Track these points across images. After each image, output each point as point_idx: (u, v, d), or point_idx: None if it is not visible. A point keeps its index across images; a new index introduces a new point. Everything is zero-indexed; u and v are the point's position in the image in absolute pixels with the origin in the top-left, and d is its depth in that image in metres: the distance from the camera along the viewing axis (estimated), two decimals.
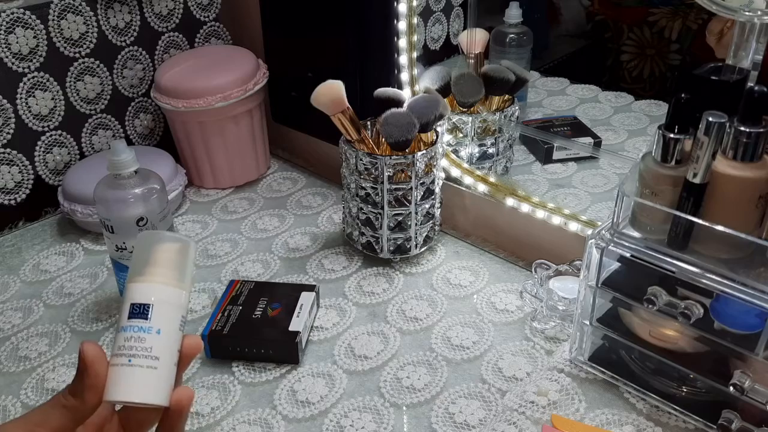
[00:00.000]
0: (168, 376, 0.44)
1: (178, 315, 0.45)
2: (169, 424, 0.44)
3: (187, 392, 0.44)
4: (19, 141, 0.94)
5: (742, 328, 0.57)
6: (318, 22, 0.98)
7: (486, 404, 0.67)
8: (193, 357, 0.46)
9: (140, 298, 0.43)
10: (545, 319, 0.75)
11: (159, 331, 0.43)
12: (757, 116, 0.54)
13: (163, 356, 0.43)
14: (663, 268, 0.59)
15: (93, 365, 0.41)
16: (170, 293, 0.44)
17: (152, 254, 0.45)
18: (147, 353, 0.43)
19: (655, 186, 0.59)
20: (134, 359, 0.42)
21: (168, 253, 0.45)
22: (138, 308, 0.43)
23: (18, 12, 0.90)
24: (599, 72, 0.89)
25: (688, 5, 0.76)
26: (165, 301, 0.44)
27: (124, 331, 0.43)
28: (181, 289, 0.45)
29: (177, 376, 0.44)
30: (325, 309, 0.80)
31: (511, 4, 0.87)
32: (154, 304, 0.43)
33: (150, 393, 0.43)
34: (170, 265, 0.45)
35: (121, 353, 0.43)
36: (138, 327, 0.43)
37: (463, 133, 0.91)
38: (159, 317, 0.43)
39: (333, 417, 0.66)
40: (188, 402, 0.44)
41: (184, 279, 0.45)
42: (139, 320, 0.43)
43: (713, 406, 0.61)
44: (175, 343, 0.44)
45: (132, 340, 0.43)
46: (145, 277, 0.44)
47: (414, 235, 0.85)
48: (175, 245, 0.45)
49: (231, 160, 1.04)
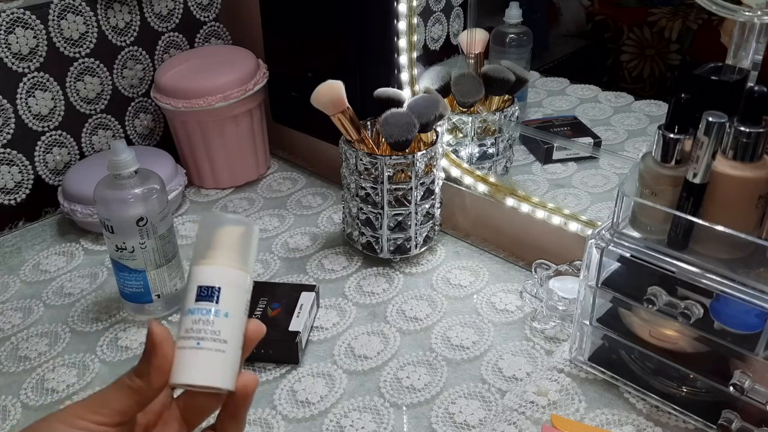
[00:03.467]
0: (235, 360, 0.43)
1: (243, 298, 0.44)
2: (233, 409, 0.44)
3: (253, 377, 0.44)
4: (19, 141, 0.94)
5: (742, 328, 0.57)
6: (318, 22, 0.98)
7: (486, 404, 0.67)
8: (257, 341, 0.45)
9: (208, 281, 0.43)
10: (545, 319, 0.75)
11: (227, 314, 0.42)
12: (757, 116, 0.54)
13: (231, 340, 0.42)
14: (663, 268, 0.59)
15: (161, 346, 0.41)
16: (237, 276, 0.44)
17: (216, 237, 0.44)
18: (215, 336, 0.42)
19: (655, 186, 0.59)
20: (203, 342, 0.41)
21: (232, 236, 0.44)
22: (206, 291, 0.43)
23: (18, 12, 0.90)
24: (599, 72, 0.89)
25: (688, 5, 0.76)
26: (232, 283, 0.43)
27: (191, 313, 0.42)
28: (246, 272, 0.44)
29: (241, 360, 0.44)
30: (325, 309, 0.80)
31: (511, 4, 0.87)
32: (222, 287, 0.43)
33: (218, 377, 0.42)
34: (235, 248, 0.44)
35: (189, 336, 0.42)
36: (207, 310, 0.42)
37: (463, 133, 0.91)
38: (227, 300, 0.43)
39: (333, 417, 0.66)
40: (254, 387, 0.44)
41: (248, 262, 0.45)
42: (208, 303, 0.42)
43: (713, 406, 0.61)
44: (241, 327, 0.44)
45: (200, 323, 0.42)
46: (211, 260, 0.43)
47: (414, 235, 0.85)
48: (239, 228, 0.45)
49: (231, 160, 1.04)
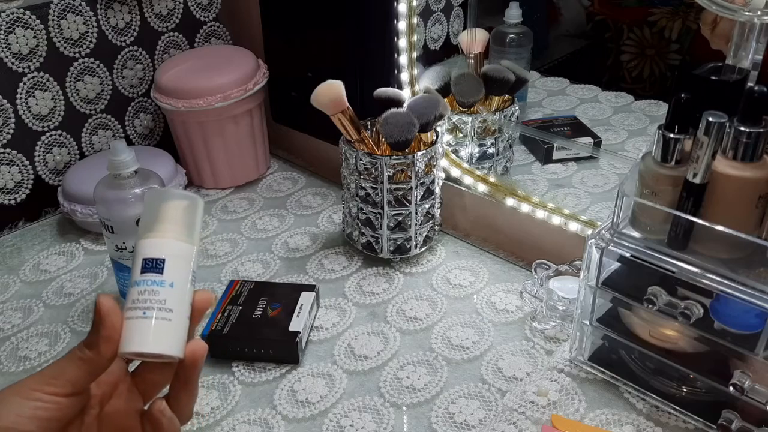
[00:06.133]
0: (182, 329, 0.44)
1: (189, 269, 0.45)
2: (183, 377, 0.45)
3: (201, 344, 0.45)
4: (19, 141, 0.94)
5: (742, 328, 0.57)
6: (318, 21, 0.98)
7: (486, 404, 0.67)
8: (205, 311, 0.47)
9: (153, 253, 0.44)
10: (545, 319, 0.75)
11: (172, 284, 0.44)
12: (757, 116, 0.54)
13: (177, 309, 0.44)
14: (663, 268, 0.59)
15: (108, 316, 0.42)
16: (181, 248, 0.45)
17: (162, 211, 0.45)
18: (161, 305, 0.43)
19: (655, 186, 0.59)
20: (149, 311, 0.43)
21: (177, 210, 0.46)
22: (151, 263, 0.44)
23: (18, 12, 0.90)
24: (599, 72, 0.89)
25: (688, 5, 0.76)
26: (177, 255, 0.45)
27: (137, 285, 0.44)
28: (191, 245, 0.46)
29: (189, 330, 0.45)
30: (325, 309, 0.80)
31: (511, 4, 0.87)
32: (167, 258, 0.44)
33: (165, 344, 0.43)
34: (180, 222, 0.45)
35: (135, 306, 0.43)
36: (152, 281, 0.43)
37: (463, 133, 0.91)
38: (172, 271, 0.44)
39: (333, 417, 0.66)
40: (202, 353, 0.45)
41: (193, 234, 0.46)
42: (153, 274, 0.44)
43: (713, 406, 0.61)
44: (187, 297, 0.45)
45: (146, 293, 0.43)
46: (156, 233, 0.45)
47: (414, 235, 0.85)
48: (184, 202, 0.46)
49: (231, 160, 1.04)
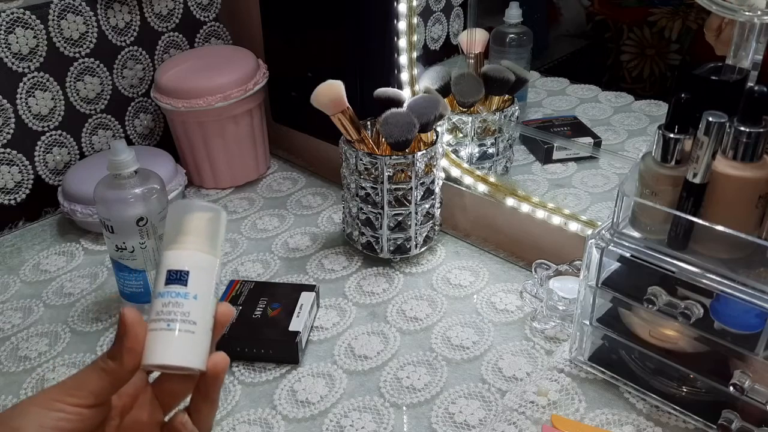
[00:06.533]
0: (205, 341, 0.44)
1: (212, 281, 0.45)
2: (205, 390, 0.45)
3: (224, 357, 0.45)
4: (19, 141, 0.94)
5: (742, 328, 0.57)
6: (318, 21, 0.98)
7: (486, 404, 0.67)
8: (226, 323, 0.47)
9: (177, 265, 0.44)
10: (545, 319, 0.75)
11: (196, 296, 0.44)
12: (757, 116, 0.54)
13: (200, 321, 0.44)
14: (663, 268, 0.59)
15: (132, 328, 0.42)
16: (205, 260, 0.45)
17: (185, 223, 0.45)
18: (185, 318, 0.43)
19: (655, 186, 0.59)
20: (173, 323, 0.43)
21: (200, 222, 0.46)
22: (175, 274, 0.44)
23: (18, 12, 0.90)
24: (599, 72, 0.88)
25: (688, 5, 0.76)
26: (200, 267, 0.45)
27: (161, 296, 0.43)
28: (214, 257, 0.46)
29: (212, 342, 0.45)
30: (325, 309, 0.80)
31: (511, 4, 0.87)
32: (191, 270, 0.44)
33: (188, 357, 0.43)
34: (203, 234, 0.46)
35: (159, 318, 0.43)
36: (176, 293, 0.43)
37: (463, 133, 0.91)
38: (195, 283, 0.44)
39: (333, 417, 0.66)
40: (224, 366, 0.45)
41: (216, 247, 0.46)
42: (177, 286, 0.44)
43: (713, 406, 0.61)
44: (210, 309, 0.45)
45: (170, 305, 0.43)
46: (180, 245, 0.45)
47: (414, 235, 0.85)
48: (207, 214, 0.46)
49: (231, 160, 1.04)
